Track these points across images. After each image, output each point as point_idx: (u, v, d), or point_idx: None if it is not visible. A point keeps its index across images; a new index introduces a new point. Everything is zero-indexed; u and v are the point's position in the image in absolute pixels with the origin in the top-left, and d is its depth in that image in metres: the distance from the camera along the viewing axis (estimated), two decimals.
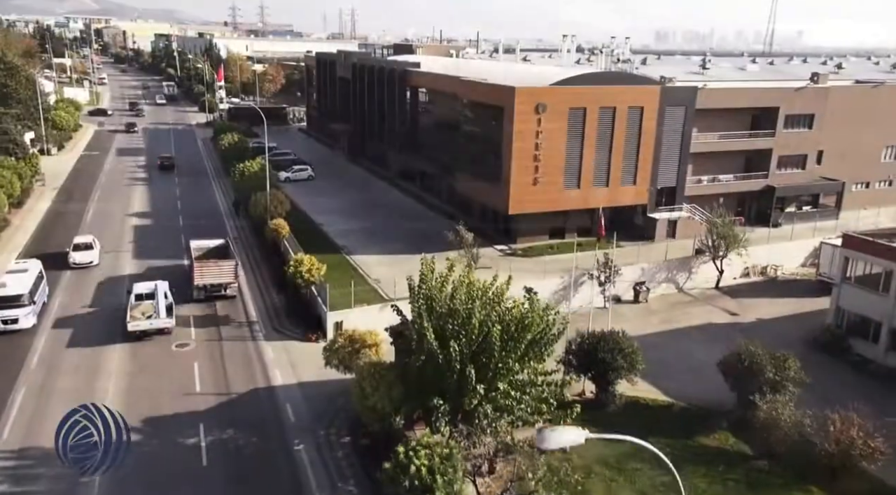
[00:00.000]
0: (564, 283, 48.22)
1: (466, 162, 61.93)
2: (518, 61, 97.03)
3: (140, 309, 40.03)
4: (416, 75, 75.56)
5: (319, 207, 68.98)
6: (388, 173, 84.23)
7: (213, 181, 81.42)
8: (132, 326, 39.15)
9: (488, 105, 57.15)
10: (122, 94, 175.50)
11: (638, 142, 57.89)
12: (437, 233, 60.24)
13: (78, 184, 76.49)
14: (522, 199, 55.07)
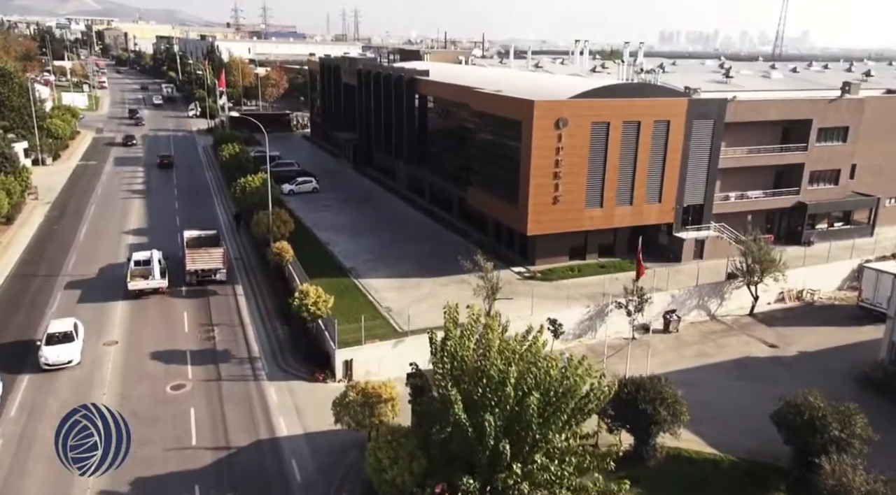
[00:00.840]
0: (590, 313, 44.80)
1: (480, 177, 58.56)
2: (529, 67, 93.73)
3: (138, 272, 47.20)
4: (425, 84, 72.22)
5: (324, 223, 65.67)
6: (396, 185, 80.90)
7: (214, 194, 78.11)
8: (132, 286, 46.32)
9: (505, 118, 53.76)
10: (122, 98, 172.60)
11: (664, 157, 54.52)
12: (449, 253, 57.02)
13: (73, 198, 73.25)
14: (542, 220, 51.68)
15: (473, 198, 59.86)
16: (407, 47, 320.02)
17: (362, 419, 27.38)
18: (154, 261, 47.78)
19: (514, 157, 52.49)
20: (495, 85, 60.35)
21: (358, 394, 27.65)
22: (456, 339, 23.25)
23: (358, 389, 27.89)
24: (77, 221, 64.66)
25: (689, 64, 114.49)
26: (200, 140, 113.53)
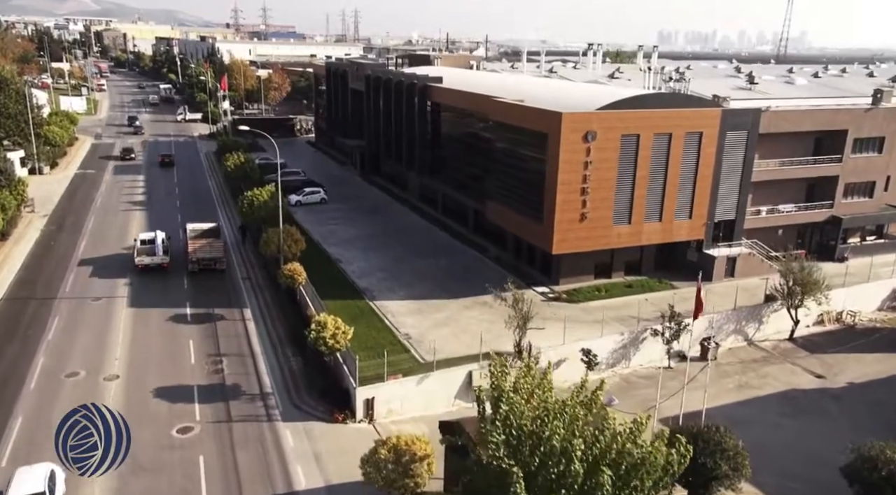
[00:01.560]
0: (624, 340, 41.90)
1: (500, 190, 55.64)
2: (543, 72, 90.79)
3: (144, 250, 53.43)
4: (439, 91, 69.28)
5: (334, 237, 62.77)
6: (407, 195, 78.01)
7: (219, 205, 75.13)
8: (138, 261, 52.80)
9: (529, 130, 50.86)
10: (122, 101, 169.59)
11: (695, 171, 51.66)
12: (468, 271, 54.41)
13: (71, 210, 70.28)
14: (568, 238, 48.77)
15: (493, 212, 56.95)
16: (409, 49, 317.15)
17: (395, 479, 24.45)
18: (157, 241, 54.26)
19: (539, 172, 49.60)
20: (514, 93, 57.49)
21: (389, 452, 24.73)
22: (511, 401, 20.24)
23: (389, 446, 24.96)
24: (75, 236, 61.68)
25: (704, 68, 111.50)
26: (202, 146, 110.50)
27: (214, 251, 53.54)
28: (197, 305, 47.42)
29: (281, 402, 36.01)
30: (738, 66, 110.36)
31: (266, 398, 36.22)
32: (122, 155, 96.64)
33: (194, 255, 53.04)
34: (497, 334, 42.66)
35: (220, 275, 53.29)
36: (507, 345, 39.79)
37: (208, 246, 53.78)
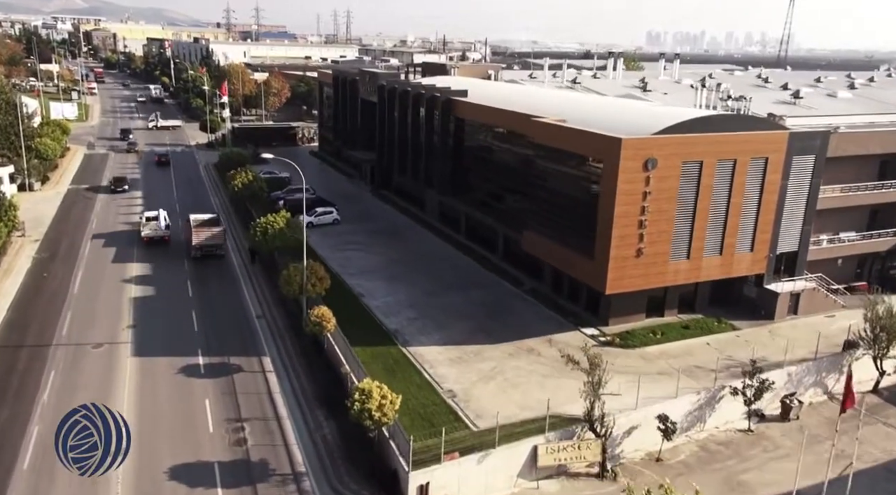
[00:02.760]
0: (700, 401, 37.01)
1: (539, 219, 50.74)
2: (565, 83, 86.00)
3: (149, 226, 62.08)
4: (464, 106, 64.30)
5: (353, 266, 57.74)
6: (425, 215, 72.96)
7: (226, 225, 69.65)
8: (144, 234, 61.63)
9: (577, 155, 45.97)
10: (113, 106, 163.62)
11: (759, 200, 46.98)
12: (504, 307, 49.61)
13: (65, 233, 64.82)
14: (622, 276, 43.92)
15: (530, 243, 52.00)
16: (405, 50, 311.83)
17: None
18: (161, 218, 63.68)
19: (590, 202, 44.73)
20: (548, 109, 52.82)
21: None
22: None
23: None
24: (70, 265, 56.27)
25: (722, 75, 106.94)
26: (201, 157, 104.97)
27: (215, 238, 59.20)
28: (210, 352, 42.29)
29: (315, 483, 30.91)
30: (761, 74, 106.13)
31: (299, 479, 31.08)
32: (113, 186, 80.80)
33: (197, 242, 58.40)
34: (552, 388, 38.07)
35: (233, 313, 48.15)
36: (567, 404, 35.00)
37: (209, 233, 59.10)
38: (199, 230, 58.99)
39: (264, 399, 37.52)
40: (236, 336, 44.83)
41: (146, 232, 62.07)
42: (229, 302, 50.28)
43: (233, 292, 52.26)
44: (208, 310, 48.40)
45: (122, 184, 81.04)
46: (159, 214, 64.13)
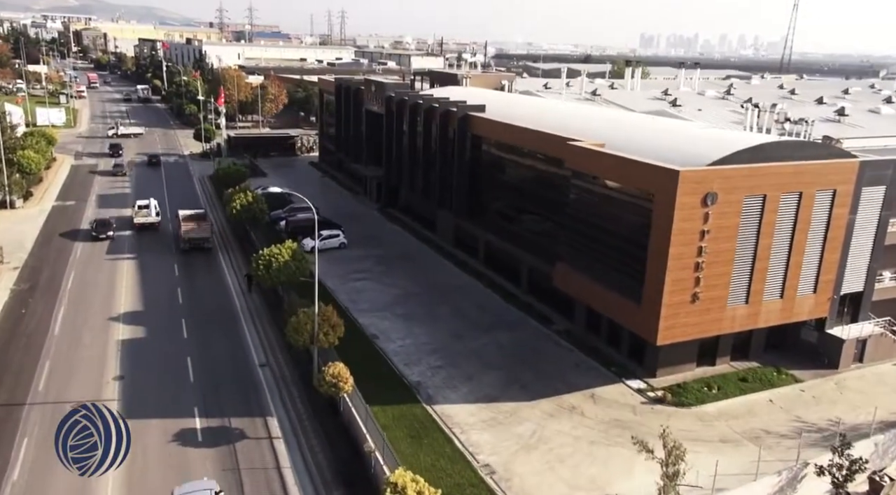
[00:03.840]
0: (781, 483, 31.98)
1: (573, 251, 45.71)
2: (583, 94, 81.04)
3: (141, 213, 67.19)
4: (483, 123, 59.20)
5: (365, 300, 52.60)
6: (437, 238, 67.80)
7: (220, 249, 64.30)
8: (137, 221, 66.96)
9: (620, 185, 40.90)
10: (103, 110, 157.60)
11: (824, 236, 42.07)
12: (537, 353, 44.60)
13: (47, 260, 59.26)
14: (675, 325, 38.90)
15: (562, 279, 46.92)
16: (402, 52, 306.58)
17: None
18: (151, 206, 68.58)
19: (637, 239, 39.69)
20: (581, 129, 47.94)
21: None
22: None
23: None
24: (51, 300, 50.78)
25: (746, 86, 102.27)
26: (196, 168, 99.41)
27: (202, 232, 62.93)
28: (208, 412, 37.02)
29: None
30: (782, 85, 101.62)
31: None
32: (95, 231, 64.95)
33: (186, 236, 62.01)
34: (603, 460, 33.25)
35: (234, 360, 42.82)
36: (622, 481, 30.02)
37: (197, 227, 63.29)
38: (187, 223, 63.77)
39: (272, 477, 32.23)
40: (238, 390, 39.54)
41: (138, 219, 67.39)
42: (229, 345, 44.94)
43: (232, 332, 46.94)
44: (206, 357, 43.07)
45: (106, 228, 65.24)
46: (150, 203, 69.03)
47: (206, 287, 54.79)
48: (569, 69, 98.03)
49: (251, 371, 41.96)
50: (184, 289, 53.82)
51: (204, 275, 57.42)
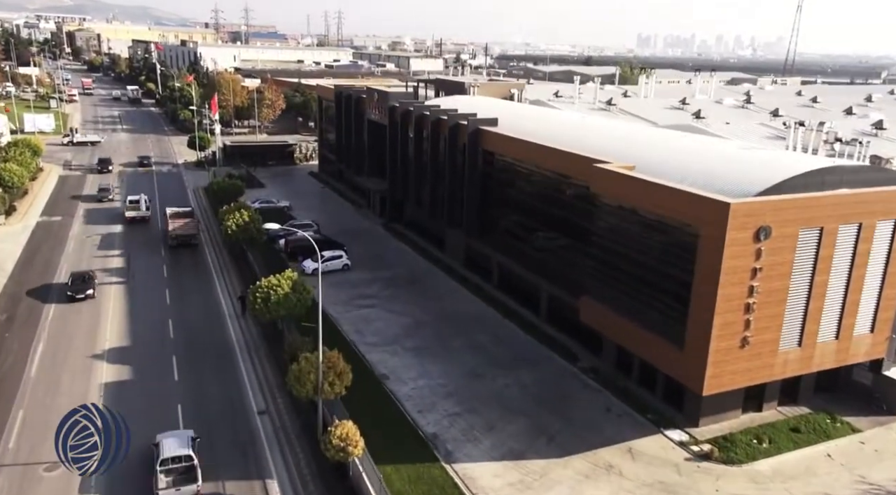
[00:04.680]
0: None
1: (601, 284, 41.66)
2: (597, 103, 76.97)
3: (132, 206, 71.39)
4: (496, 139, 55.11)
5: (371, 331, 48.54)
6: (447, 258, 63.71)
7: (215, 271, 60.18)
8: (128, 215, 71.22)
9: (663, 217, 36.80)
10: (96, 116, 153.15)
11: (884, 270, 38.03)
12: (564, 396, 40.90)
13: (28, 285, 54.94)
14: (723, 373, 34.86)
15: (590, 313, 42.83)
16: (401, 54, 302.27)
17: None
18: (142, 201, 72.13)
19: (679, 277, 35.61)
20: (604, 147, 44.13)
21: None
22: None
23: None
24: (30, 333, 46.55)
25: (762, 93, 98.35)
26: (190, 178, 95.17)
27: (190, 229, 65.56)
28: (203, 474, 32.67)
29: None
30: (801, 91, 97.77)
31: None
32: (72, 291, 51.33)
33: (174, 232, 64.49)
34: None
35: (229, 407, 38.65)
36: None
37: (184, 224, 65.60)
38: (175, 220, 65.84)
39: None
40: (234, 444, 35.37)
41: (129, 213, 71.19)
42: (224, 388, 40.74)
43: (228, 371, 42.74)
44: (199, 402, 38.91)
45: (85, 286, 51.44)
46: (140, 198, 72.94)
47: (199, 316, 50.61)
48: (574, 74, 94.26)
49: (248, 420, 37.78)
50: (175, 318, 49.61)
51: (197, 300, 53.23)
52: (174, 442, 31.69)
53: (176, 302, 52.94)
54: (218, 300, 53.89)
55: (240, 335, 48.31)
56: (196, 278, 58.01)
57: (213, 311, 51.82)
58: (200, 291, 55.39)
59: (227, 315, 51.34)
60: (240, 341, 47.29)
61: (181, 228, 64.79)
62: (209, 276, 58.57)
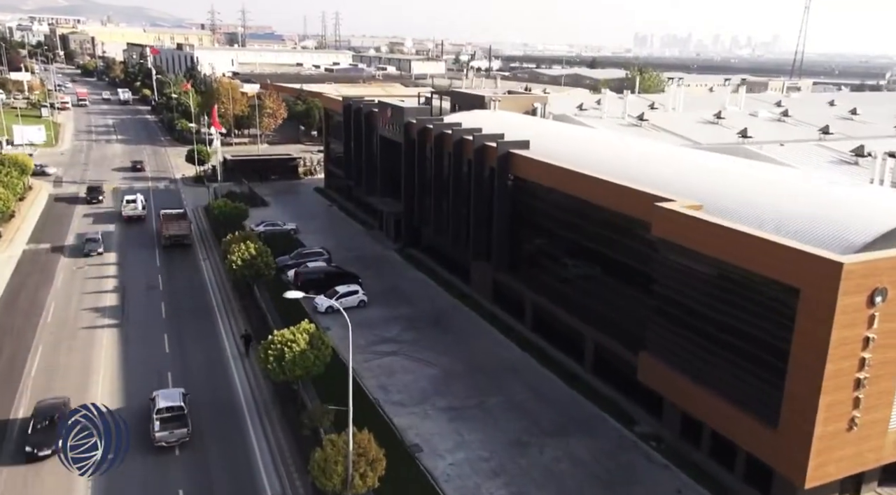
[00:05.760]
0: None
1: (667, 339, 36.25)
2: (626, 118, 71.56)
3: (129, 206, 75.19)
4: (529, 164, 49.71)
5: (397, 386, 43.12)
6: (472, 291, 58.32)
7: (217, 307, 54.74)
8: (125, 213, 74.73)
9: (753, 274, 31.35)
10: (89, 125, 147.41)
11: None
12: (624, 472, 35.91)
13: (11, 327, 49.51)
14: (828, 461, 29.47)
15: (652, 374, 37.42)
16: (402, 57, 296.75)
17: None
18: (138, 200, 75.72)
19: (772, 344, 30.20)
20: (657, 178, 38.84)
21: None
22: None
23: None
24: (11, 389, 41.03)
25: (791, 102, 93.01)
26: (188, 195, 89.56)
27: (182, 229, 67.65)
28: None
29: None
30: (833, 100, 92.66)
31: None
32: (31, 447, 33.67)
33: (167, 233, 66.19)
34: None
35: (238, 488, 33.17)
36: None
37: (177, 225, 67.98)
38: (168, 222, 68.45)
39: None
40: None
41: (126, 212, 74.52)
42: (234, 467, 35.17)
43: (237, 444, 37.17)
44: (203, 490, 33.35)
45: (48, 439, 33.51)
46: (137, 198, 76.39)
47: (201, 365, 45.04)
48: (582, 78, 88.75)
49: None
50: (175, 371, 44.01)
51: (198, 348, 47.61)
52: (168, 396, 37.79)
53: (175, 348, 47.50)
54: (223, 345, 48.40)
55: (247, 387, 42.93)
56: (197, 319, 52.47)
57: (217, 361, 46.29)
58: (202, 334, 49.94)
59: (232, 363, 45.86)
60: (247, 397, 41.81)
61: (174, 229, 66.85)
62: (212, 317, 52.99)
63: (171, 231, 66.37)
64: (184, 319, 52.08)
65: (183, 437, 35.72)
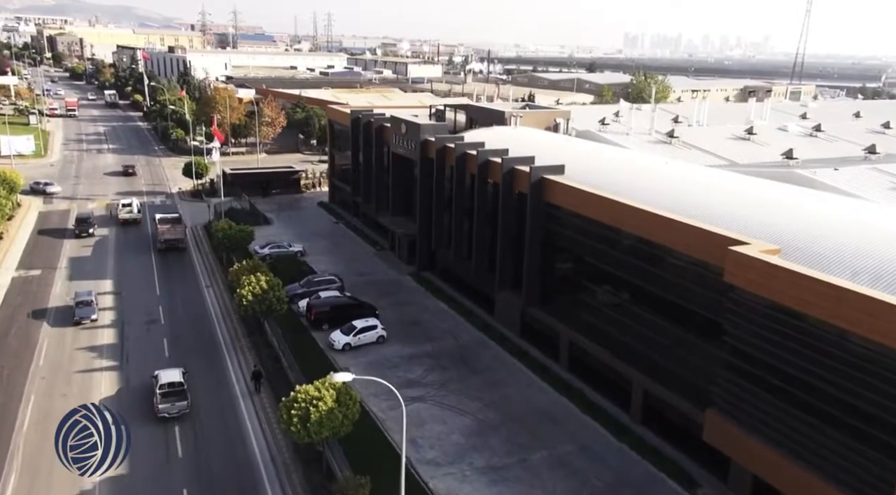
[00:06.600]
0: None
1: (739, 401, 32.44)
2: (653, 133, 67.82)
3: (126, 209, 76.87)
4: (566, 192, 45.85)
5: (428, 441, 39.14)
6: (496, 322, 54.36)
7: (224, 342, 50.56)
8: (121, 216, 76.28)
9: (844, 329, 27.58)
10: (79, 132, 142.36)
11: None
12: None
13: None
14: None
15: (721, 435, 33.63)
16: (398, 60, 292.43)
17: None
18: (134, 204, 78.14)
19: (883, 419, 26.40)
20: (711, 211, 35.36)
21: None
22: None
23: None
24: None
25: (818, 112, 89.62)
26: (186, 212, 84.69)
27: (178, 233, 68.95)
28: None
29: None
30: (858, 111, 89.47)
31: None
32: None
33: (162, 237, 67.81)
34: None
35: None
36: None
37: (172, 229, 68.68)
38: (163, 226, 68.94)
39: None
40: None
41: (123, 215, 75.97)
42: None
43: None
44: None
45: None
46: (132, 202, 78.28)
47: (214, 424, 40.78)
48: (583, 82, 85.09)
49: None
50: (185, 433, 39.64)
51: (210, 398, 43.34)
52: (169, 373, 41.24)
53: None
54: (234, 393, 44.15)
55: (262, 443, 38.80)
56: (203, 354, 48.25)
57: (227, 405, 42.13)
58: (209, 368, 45.80)
59: (246, 414, 41.68)
60: (265, 458, 37.66)
61: (169, 233, 68.17)
62: (222, 359, 48.68)
63: (166, 235, 68.08)
64: (190, 357, 47.71)
65: (183, 409, 39.28)
